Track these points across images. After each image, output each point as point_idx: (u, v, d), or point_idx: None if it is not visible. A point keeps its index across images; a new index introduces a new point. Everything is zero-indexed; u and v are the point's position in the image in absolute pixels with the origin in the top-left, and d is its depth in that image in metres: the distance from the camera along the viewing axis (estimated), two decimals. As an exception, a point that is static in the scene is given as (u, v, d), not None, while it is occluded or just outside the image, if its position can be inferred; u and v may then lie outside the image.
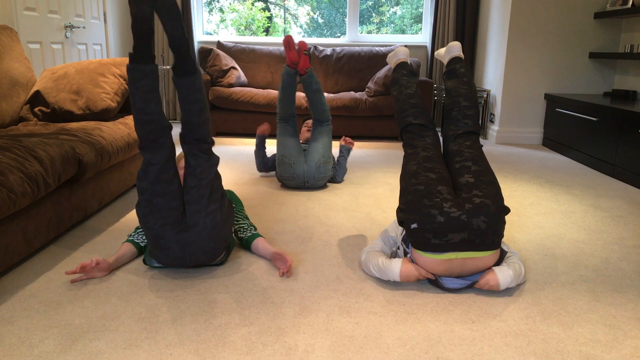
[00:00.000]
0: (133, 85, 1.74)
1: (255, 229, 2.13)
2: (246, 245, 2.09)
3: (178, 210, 1.77)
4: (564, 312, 1.67)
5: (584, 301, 1.74)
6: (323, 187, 3.09)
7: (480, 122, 2.08)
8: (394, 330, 1.54)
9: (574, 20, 4.38)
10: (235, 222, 2.14)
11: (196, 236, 1.77)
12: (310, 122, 3.40)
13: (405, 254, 1.86)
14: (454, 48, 2.29)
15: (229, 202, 1.92)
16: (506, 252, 1.86)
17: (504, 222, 1.75)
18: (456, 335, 1.52)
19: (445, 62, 2.32)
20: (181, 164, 1.99)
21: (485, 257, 1.74)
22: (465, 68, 2.20)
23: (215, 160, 1.86)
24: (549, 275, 1.93)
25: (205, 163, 1.81)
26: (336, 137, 4.80)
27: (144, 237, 2.05)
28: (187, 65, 1.78)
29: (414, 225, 1.73)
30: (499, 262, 1.82)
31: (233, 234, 2.12)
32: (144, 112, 1.75)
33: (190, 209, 1.77)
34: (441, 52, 2.40)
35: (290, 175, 2.96)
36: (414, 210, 1.74)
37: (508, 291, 1.80)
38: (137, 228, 2.09)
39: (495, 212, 1.71)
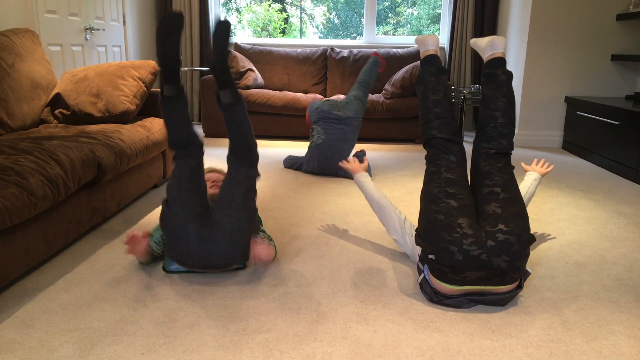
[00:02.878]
0: (166, 115, 1.89)
1: (271, 239, 2.11)
2: None
3: (203, 207, 1.84)
4: (587, 322, 1.63)
5: (607, 312, 1.71)
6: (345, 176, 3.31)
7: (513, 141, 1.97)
8: (412, 339, 1.52)
9: (595, 21, 4.31)
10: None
11: (219, 237, 1.79)
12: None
13: (420, 271, 1.81)
14: (498, 44, 2.03)
15: (258, 221, 1.95)
16: (529, 274, 1.78)
17: (527, 256, 1.65)
18: (476, 345, 1.50)
19: (484, 57, 2.08)
20: (206, 176, 2.06)
21: (504, 288, 1.69)
22: (507, 75, 2.00)
23: (255, 175, 1.95)
24: (570, 284, 1.90)
25: (244, 173, 1.90)
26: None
27: (158, 247, 2.03)
28: (232, 97, 1.89)
29: (431, 257, 1.68)
30: (520, 286, 1.74)
31: None
32: (176, 137, 1.90)
33: (219, 211, 1.82)
34: (480, 43, 2.11)
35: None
36: (432, 243, 1.68)
37: (529, 300, 1.77)
38: (153, 232, 2.09)
39: (519, 249, 1.62)
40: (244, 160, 1.93)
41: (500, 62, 2.03)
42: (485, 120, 1.97)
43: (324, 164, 3.34)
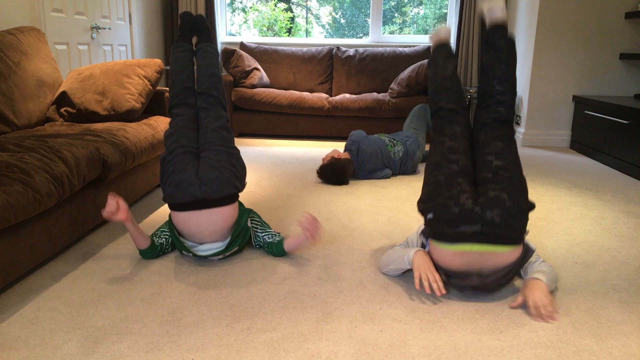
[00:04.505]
0: (176, 55, 2.34)
1: (279, 235, 2.12)
2: (276, 247, 2.06)
3: (196, 149, 2.07)
4: (596, 323, 1.61)
5: (616, 312, 1.68)
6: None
7: (514, 104, 1.92)
8: (419, 339, 1.50)
9: (604, 20, 4.27)
10: (256, 227, 2.13)
11: (203, 164, 1.98)
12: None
13: (424, 246, 1.84)
14: (496, 8, 1.95)
15: (241, 159, 2.09)
16: (533, 251, 1.76)
17: (525, 219, 1.67)
18: (484, 345, 1.48)
19: (486, 23, 2.00)
20: None
21: (503, 252, 1.67)
22: (506, 40, 1.91)
23: (222, 114, 2.18)
24: (579, 284, 1.87)
25: (212, 114, 2.15)
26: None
27: (159, 239, 2.06)
28: (204, 33, 2.51)
29: (430, 215, 1.72)
30: (523, 262, 1.73)
31: (255, 238, 2.11)
32: (180, 72, 2.26)
33: (202, 149, 2.06)
34: (484, 6, 2.03)
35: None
36: (432, 200, 1.73)
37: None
38: (156, 231, 2.09)
39: (511, 206, 1.65)
40: (210, 99, 2.19)
41: (499, 28, 1.95)
42: (483, 89, 1.96)
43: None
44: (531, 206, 1.71)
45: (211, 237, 1.97)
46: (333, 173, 3.12)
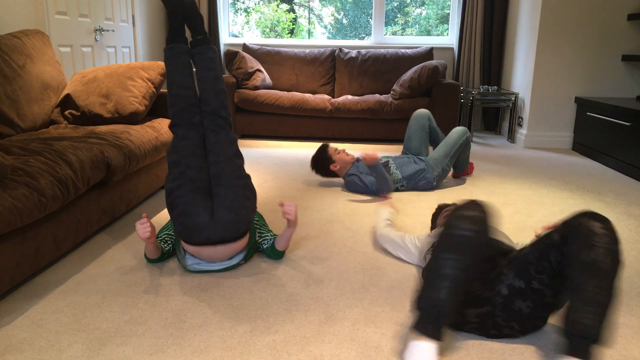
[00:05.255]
0: (172, 61, 2.00)
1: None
2: (271, 252, 2.07)
3: (207, 182, 1.88)
4: (597, 326, 1.62)
5: (618, 315, 1.69)
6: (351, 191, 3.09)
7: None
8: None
9: (606, 21, 4.27)
10: (259, 234, 2.12)
11: (218, 205, 1.81)
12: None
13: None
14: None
15: (252, 187, 1.94)
16: None
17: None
18: (485, 348, 1.49)
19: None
20: None
21: None
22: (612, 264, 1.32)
23: (233, 138, 1.96)
24: (580, 287, 1.88)
25: (224, 138, 1.90)
26: (358, 140, 4.78)
27: (166, 244, 2.05)
28: (200, 35, 2.08)
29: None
30: None
31: (258, 243, 2.11)
32: (182, 86, 1.94)
33: (213, 182, 1.85)
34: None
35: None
36: None
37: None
38: (159, 233, 2.11)
39: (518, 331, 1.52)
40: (219, 121, 1.93)
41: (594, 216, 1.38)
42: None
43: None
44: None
45: (222, 261, 1.96)
46: (314, 159, 3.15)
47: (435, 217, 2.16)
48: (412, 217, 2.65)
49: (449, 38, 5.42)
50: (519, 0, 4.76)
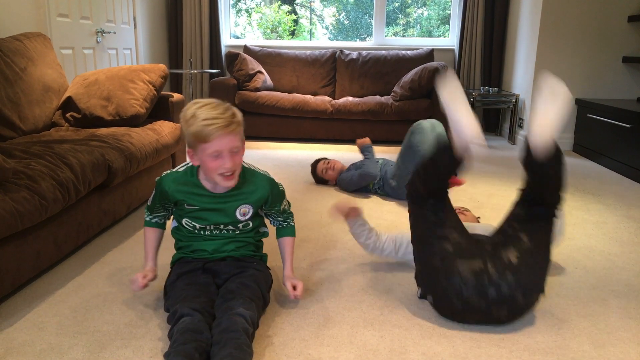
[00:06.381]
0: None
1: (292, 219, 1.88)
2: (277, 233, 1.84)
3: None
4: (595, 329, 1.62)
5: (615, 318, 1.69)
6: (354, 192, 3.12)
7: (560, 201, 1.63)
8: (419, 345, 1.52)
9: (607, 23, 4.27)
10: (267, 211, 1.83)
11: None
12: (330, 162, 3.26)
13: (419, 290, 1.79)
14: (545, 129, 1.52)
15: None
16: None
17: (532, 307, 1.61)
18: (483, 351, 1.50)
19: (534, 138, 1.53)
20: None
21: None
22: (556, 170, 1.55)
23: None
24: (579, 290, 1.88)
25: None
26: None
27: (159, 219, 1.79)
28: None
29: (430, 299, 1.67)
30: None
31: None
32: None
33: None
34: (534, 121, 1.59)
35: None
36: (430, 287, 1.64)
37: (537, 306, 1.76)
38: (147, 209, 1.79)
39: (523, 305, 1.55)
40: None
41: (553, 157, 1.55)
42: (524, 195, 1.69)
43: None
44: (541, 294, 1.61)
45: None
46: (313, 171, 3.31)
47: None
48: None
49: (449, 39, 5.43)
50: (520, 1, 4.77)
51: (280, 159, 4.01)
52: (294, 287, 1.68)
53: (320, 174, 3.25)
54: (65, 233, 2.01)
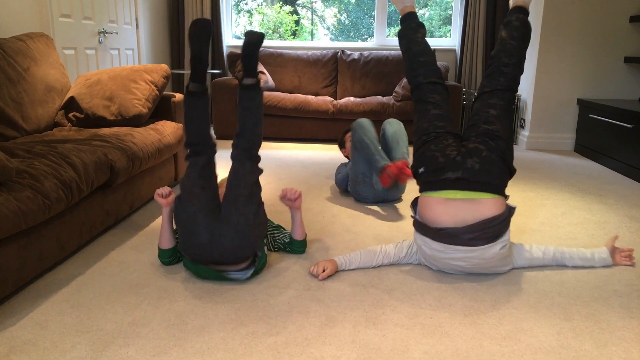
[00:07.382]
0: (188, 110, 1.97)
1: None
2: (293, 245, 2.15)
3: (214, 203, 1.86)
4: (597, 328, 1.63)
5: (617, 317, 1.70)
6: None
7: (518, 78, 2.05)
8: (421, 344, 1.53)
9: (608, 23, 4.27)
10: (272, 232, 2.19)
11: (227, 230, 1.80)
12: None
13: (412, 217, 2.02)
14: None
15: (265, 215, 1.94)
16: (514, 209, 1.92)
17: (504, 170, 1.87)
18: (485, 350, 1.50)
19: (510, 5, 2.21)
20: (222, 189, 2.02)
21: (484, 201, 1.83)
22: (521, 21, 2.08)
23: (259, 170, 1.96)
24: (581, 289, 1.89)
25: (248, 168, 1.92)
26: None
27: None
28: (252, 75, 1.99)
29: (421, 170, 1.95)
30: (506, 221, 1.85)
31: (267, 248, 2.14)
32: (194, 135, 1.96)
33: (227, 205, 1.84)
34: None
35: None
36: (423, 156, 1.96)
37: (539, 305, 1.76)
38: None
39: (488, 155, 1.86)
40: (249, 155, 1.95)
41: (517, 10, 2.12)
42: (490, 61, 2.12)
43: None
44: (510, 168, 1.91)
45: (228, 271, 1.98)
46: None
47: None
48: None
49: (451, 40, 5.43)
50: (521, 2, 4.76)
51: (282, 159, 4.02)
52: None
53: (344, 138, 3.21)
54: (68, 232, 2.02)
